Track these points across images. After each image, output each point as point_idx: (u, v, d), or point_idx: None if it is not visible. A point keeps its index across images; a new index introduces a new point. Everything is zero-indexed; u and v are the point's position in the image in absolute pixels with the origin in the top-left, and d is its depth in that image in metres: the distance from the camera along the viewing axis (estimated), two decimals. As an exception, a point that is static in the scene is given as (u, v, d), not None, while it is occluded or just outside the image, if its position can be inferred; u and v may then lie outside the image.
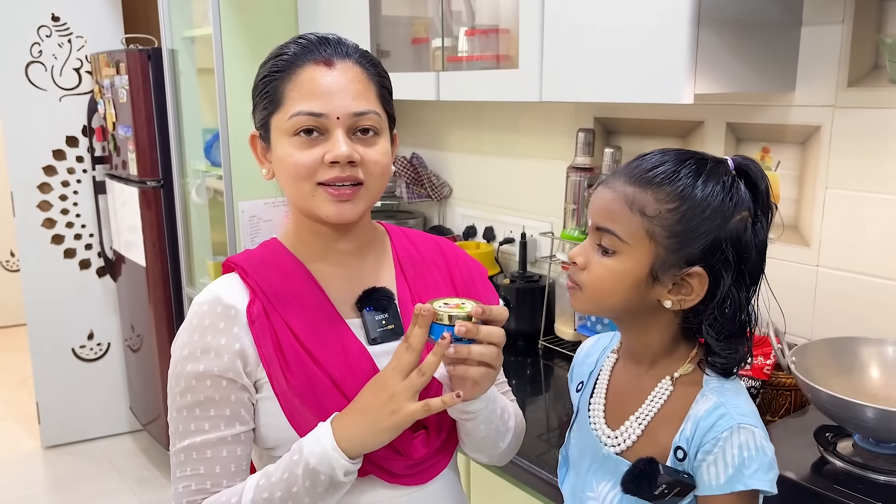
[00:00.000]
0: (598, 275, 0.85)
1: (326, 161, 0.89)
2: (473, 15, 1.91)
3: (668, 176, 0.83)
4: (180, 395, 0.91)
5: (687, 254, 0.82)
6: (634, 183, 0.84)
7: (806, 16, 1.42)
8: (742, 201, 0.83)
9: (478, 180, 2.27)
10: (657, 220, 0.82)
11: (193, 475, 0.90)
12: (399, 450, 0.93)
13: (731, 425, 0.80)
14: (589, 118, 1.88)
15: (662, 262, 0.83)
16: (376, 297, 0.97)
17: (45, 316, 3.32)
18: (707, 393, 0.85)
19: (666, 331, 0.88)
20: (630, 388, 0.91)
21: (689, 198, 0.82)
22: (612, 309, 0.88)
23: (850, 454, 1.18)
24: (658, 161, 0.85)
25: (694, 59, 1.27)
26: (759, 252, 0.85)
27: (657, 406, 0.87)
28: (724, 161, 0.85)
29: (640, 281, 0.84)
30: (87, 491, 3.10)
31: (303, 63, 0.91)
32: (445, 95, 1.83)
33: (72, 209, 3.34)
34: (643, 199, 0.83)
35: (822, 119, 1.42)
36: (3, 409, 3.89)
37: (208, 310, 0.92)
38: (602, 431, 0.91)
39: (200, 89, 2.78)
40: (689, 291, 0.83)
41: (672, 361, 0.88)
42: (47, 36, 3.17)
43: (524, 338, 1.93)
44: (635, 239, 0.83)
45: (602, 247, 0.85)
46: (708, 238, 0.82)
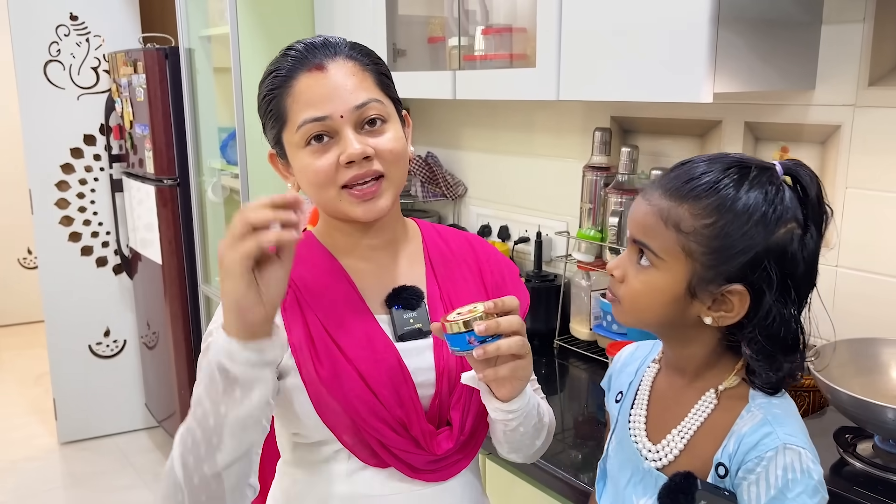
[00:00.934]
0: (635, 289, 0.84)
1: (342, 162, 0.90)
2: (489, 14, 1.91)
3: (706, 188, 0.79)
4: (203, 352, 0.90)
5: (726, 270, 0.79)
6: (670, 196, 0.81)
7: (826, 14, 1.41)
8: (787, 212, 0.79)
9: (493, 179, 2.27)
10: (693, 237, 0.79)
11: None
12: (422, 444, 0.93)
13: (777, 445, 0.77)
14: (605, 117, 1.88)
15: (700, 278, 0.80)
16: (405, 296, 0.98)
17: (63, 313, 3.35)
18: (753, 408, 0.81)
19: (708, 343, 0.85)
20: (672, 401, 0.88)
21: (728, 212, 0.78)
22: (650, 323, 0.86)
23: (870, 455, 1.17)
24: (696, 171, 0.81)
25: (713, 57, 1.27)
26: (808, 264, 0.80)
27: (700, 420, 0.84)
28: (771, 168, 0.81)
29: (677, 297, 0.81)
30: (103, 487, 3.13)
31: (296, 75, 0.91)
32: (462, 94, 1.83)
33: (89, 207, 3.37)
34: (678, 214, 0.80)
35: (843, 118, 1.41)
36: (21, 405, 3.93)
37: None
38: (643, 445, 0.89)
39: (217, 88, 2.79)
40: (730, 308, 0.80)
41: (716, 373, 0.85)
42: (66, 35, 3.20)
43: (539, 337, 1.93)
44: (671, 255, 0.80)
45: (640, 257, 0.83)
46: (748, 254, 0.78)
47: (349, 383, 0.91)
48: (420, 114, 2.49)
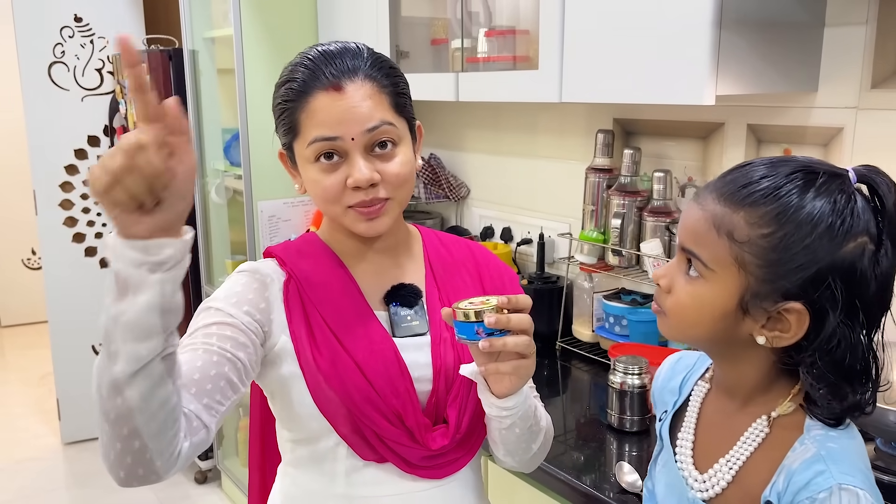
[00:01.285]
0: (682, 302, 0.77)
1: (349, 186, 0.91)
2: (492, 16, 1.91)
3: (765, 194, 0.71)
4: (195, 319, 0.91)
5: (783, 286, 0.71)
6: (725, 201, 0.73)
7: (829, 16, 1.41)
8: (858, 224, 0.71)
9: (495, 181, 2.27)
10: (748, 247, 0.72)
11: None
12: (416, 437, 0.94)
13: (831, 485, 0.69)
14: (608, 119, 1.88)
15: (754, 293, 0.72)
16: (403, 294, 1.00)
17: (66, 313, 3.36)
18: (807, 441, 0.73)
19: (762, 365, 0.77)
20: (722, 426, 0.81)
21: (788, 221, 0.70)
22: (698, 340, 0.80)
23: (872, 458, 1.17)
24: (755, 175, 0.73)
25: (716, 59, 1.27)
26: (880, 284, 0.72)
27: (750, 449, 0.77)
28: (843, 174, 0.73)
29: (727, 312, 0.74)
30: (106, 486, 3.13)
31: (312, 91, 0.91)
32: (465, 96, 1.83)
33: (93, 208, 3.38)
34: (732, 221, 0.72)
35: (845, 120, 1.41)
36: (25, 405, 3.94)
37: (246, 275, 0.96)
38: (689, 473, 0.82)
39: (220, 89, 2.80)
40: (786, 328, 0.72)
41: (770, 398, 0.77)
42: (70, 37, 3.21)
43: (542, 339, 1.93)
44: (722, 266, 0.73)
45: (688, 267, 0.77)
46: (810, 269, 0.70)
47: (346, 373, 0.92)
48: (423, 115, 2.49)
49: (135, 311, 0.72)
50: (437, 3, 2.07)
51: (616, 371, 1.43)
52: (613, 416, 1.44)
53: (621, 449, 1.40)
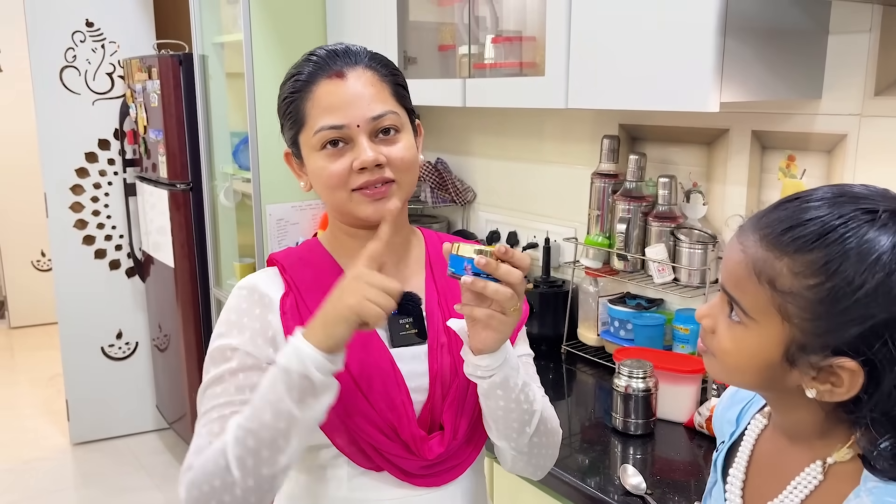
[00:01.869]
0: (725, 347, 0.72)
1: (355, 168, 0.93)
2: (499, 21, 1.93)
3: (812, 239, 0.64)
4: (213, 366, 0.94)
5: (833, 341, 0.64)
6: (768, 245, 0.67)
7: (833, 24, 1.42)
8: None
9: (501, 185, 2.29)
10: (791, 298, 0.65)
11: (209, 433, 0.90)
12: (412, 449, 0.95)
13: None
14: (613, 125, 1.89)
15: (800, 345, 0.66)
16: (402, 302, 0.98)
17: (76, 315, 3.39)
18: (862, 494, 0.67)
19: (817, 412, 0.70)
20: (774, 466, 0.77)
21: (839, 272, 0.62)
22: (746, 385, 0.75)
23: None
24: (804, 216, 0.66)
25: (720, 67, 1.28)
26: None
27: (802, 496, 0.72)
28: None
29: (772, 363, 0.68)
30: (114, 487, 3.16)
31: (317, 80, 0.95)
32: (472, 102, 1.85)
33: (103, 211, 3.41)
34: (775, 269, 0.66)
35: (849, 127, 1.42)
36: (33, 405, 3.97)
37: (246, 295, 0.97)
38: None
39: (229, 93, 2.83)
40: (839, 383, 0.66)
41: (828, 443, 0.71)
42: (81, 41, 3.25)
43: (547, 342, 1.94)
44: (763, 315, 0.67)
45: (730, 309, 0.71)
46: (864, 325, 0.63)
47: (342, 388, 0.92)
48: (430, 120, 2.51)
49: (317, 411, 0.85)
50: (445, 9, 2.09)
51: (621, 374, 1.45)
52: (618, 419, 1.45)
53: (626, 452, 1.41)
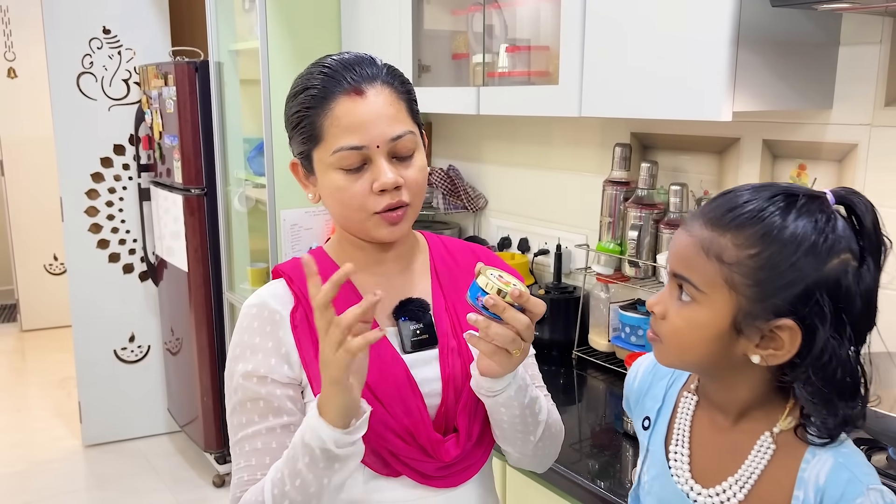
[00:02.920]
0: (677, 326, 0.79)
1: (375, 190, 0.93)
2: (514, 29, 1.95)
3: (749, 217, 0.74)
4: (234, 393, 0.97)
5: (773, 304, 0.73)
6: (712, 226, 0.76)
7: (844, 36, 1.45)
8: (840, 242, 0.74)
9: (513, 192, 2.31)
10: (736, 268, 0.74)
11: (247, 466, 0.95)
12: (430, 452, 0.96)
13: (862, 490, 0.72)
14: (625, 133, 1.92)
15: (746, 313, 0.74)
16: (411, 308, 1.01)
17: (90, 318, 3.43)
18: (819, 452, 0.76)
19: (757, 386, 0.80)
20: (721, 444, 0.83)
21: (774, 240, 0.73)
22: (695, 364, 0.82)
23: (884, 467, 1.19)
24: (739, 200, 0.76)
25: (733, 77, 1.31)
26: (865, 300, 0.74)
27: (760, 467, 0.78)
28: (822, 196, 0.76)
29: (721, 333, 0.76)
30: (126, 489, 3.19)
31: (334, 95, 0.93)
32: (486, 110, 1.87)
33: (117, 215, 3.45)
34: (720, 244, 0.75)
35: (859, 137, 1.44)
36: (45, 408, 4.00)
37: (256, 313, 0.98)
38: (691, 487, 0.83)
39: (243, 100, 2.87)
40: (780, 346, 0.75)
41: (765, 414, 0.80)
42: (98, 48, 3.29)
43: (558, 348, 1.96)
44: (713, 288, 0.76)
45: (680, 292, 0.79)
46: (798, 286, 0.72)
47: None
48: (442, 127, 2.54)
49: (346, 474, 0.89)
50: (459, 18, 2.12)
51: (632, 379, 1.47)
52: (629, 423, 1.47)
53: (637, 456, 1.43)
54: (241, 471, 0.96)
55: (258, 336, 0.97)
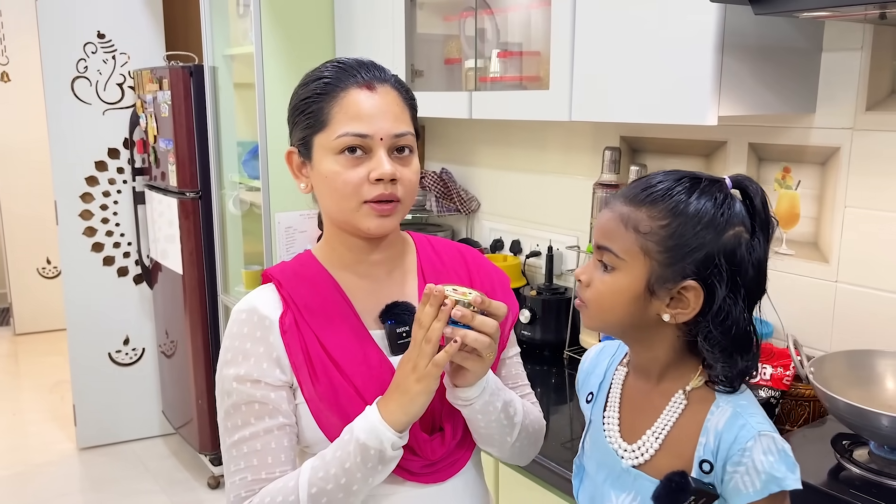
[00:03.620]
0: (599, 291, 0.90)
1: (371, 179, 0.96)
2: (503, 36, 1.99)
3: (661, 194, 0.87)
4: (227, 396, 0.98)
5: (681, 268, 0.85)
6: (630, 202, 0.89)
7: (826, 42, 1.48)
8: (735, 216, 0.86)
9: (505, 195, 2.34)
10: (650, 237, 0.86)
11: (248, 467, 0.97)
12: (416, 450, 0.99)
13: (753, 434, 0.84)
14: (615, 137, 1.95)
15: (658, 276, 0.86)
16: (397, 311, 1.04)
17: (84, 321, 3.44)
18: (721, 404, 0.88)
19: (670, 345, 0.91)
20: (643, 403, 0.94)
21: (681, 214, 0.85)
22: (615, 324, 0.92)
23: (866, 461, 1.22)
24: (653, 181, 0.89)
25: (718, 82, 1.34)
26: (756, 268, 0.87)
27: (672, 420, 0.90)
28: (721, 180, 0.89)
29: (637, 295, 0.87)
30: (121, 491, 3.20)
31: (346, 86, 0.98)
32: (478, 114, 1.91)
33: (112, 218, 3.47)
34: (637, 217, 0.87)
35: (842, 141, 1.48)
36: (39, 411, 4.01)
37: (246, 318, 1.00)
38: (619, 445, 0.94)
39: (237, 104, 2.89)
40: (686, 305, 0.86)
41: (681, 375, 0.91)
42: (93, 52, 3.31)
43: (550, 348, 1.99)
44: (631, 255, 0.87)
45: (603, 264, 0.90)
46: (700, 252, 0.85)
47: (345, 398, 0.98)
48: (435, 131, 2.57)
49: (383, 477, 0.95)
50: (451, 23, 2.15)
51: (622, 378, 1.50)
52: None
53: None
54: (243, 472, 0.97)
55: (249, 341, 0.98)
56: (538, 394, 1.15)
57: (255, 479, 0.96)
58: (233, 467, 0.98)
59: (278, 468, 0.97)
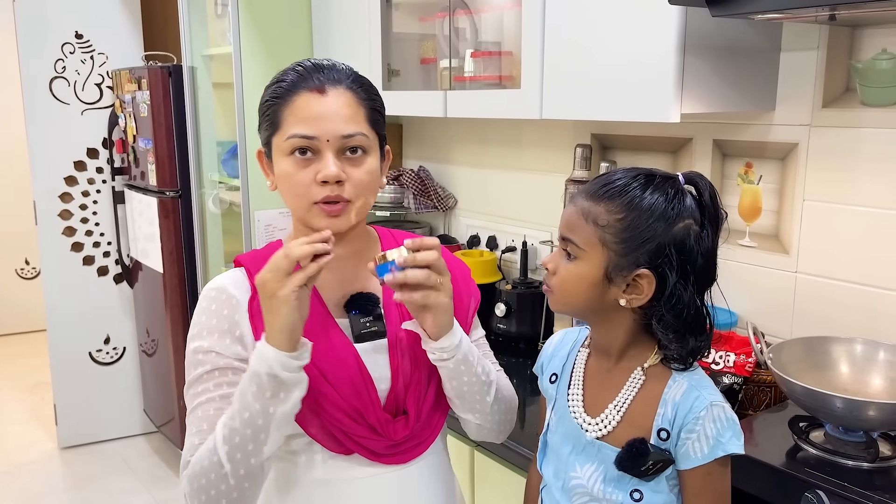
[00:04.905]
0: (563, 278, 0.98)
1: (318, 180, 0.99)
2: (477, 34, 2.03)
3: (618, 190, 0.95)
4: (191, 367, 1.03)
5: (635, 258, 0.93)
6: (590, 198, 0.97)
7: (784, 42, 1.55)
8: (685, 210, 0.94)
9: (482, 192, 2.39)
10: (608, 229, 0.94)
11: (198, 432, 1.00)
12: (378, 431, 1.03)
13: (706, 405, 0.94)
14: (586, 134, 2.01)
15: (615, 265, 0.94)
16: (361, 302, 1.08)
17: (64, 321, 3.44)
18: (678, 378, 0.97)
19: (628, 326, 0.99)
20: (604, 380, 1.02)
21: (635, 208, 0.93)
22: (577, 308, 1.00)
23: (822, 442, 1.28)
24: (612, 178, 0.97)
25: (680, 81, 1.40)
26: (705, 257, 0.95)
27: (632, 394, 0.99)
28: (674, 176, 0.97)
29: (596, 282, 0.96)
30: (104, 489, 3.21)
31: (298, 90, 1.01)
32: (452, 113, 1.95)
33: (91, 218, 3.47)
34: (596, 211, 0.95)
35: (800, 137, 1.54)
36: (20, 412, 4.00)
37: (215, 296, 1.04)
38: (583, 419, 1.02)
39: (216, 104, 2.91)
40: (640, 291, 0.95)
41: (638, 353, 1.00)
42: (71, 52, 3.31)
43: (525, 341, 2.04)
44: (590, 246, 0.95)
45: (567, 253, 0.98)
46: (652, 243, 0.93)
47: (313, 382, 1.00)
48: (413, 130, 2.62)
49: (290, 405, 0.95)
50: (426, 23, 2.19)
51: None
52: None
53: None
54: (193, 436, 1.00)
55: (215, 318, 1.03)
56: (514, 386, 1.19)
57: (202, 443, 0.99)
58: (190, 431, 1.01)
59: None
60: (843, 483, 1.15)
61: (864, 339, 1.38)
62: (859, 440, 1.26)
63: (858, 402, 1.21)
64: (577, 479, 1.01)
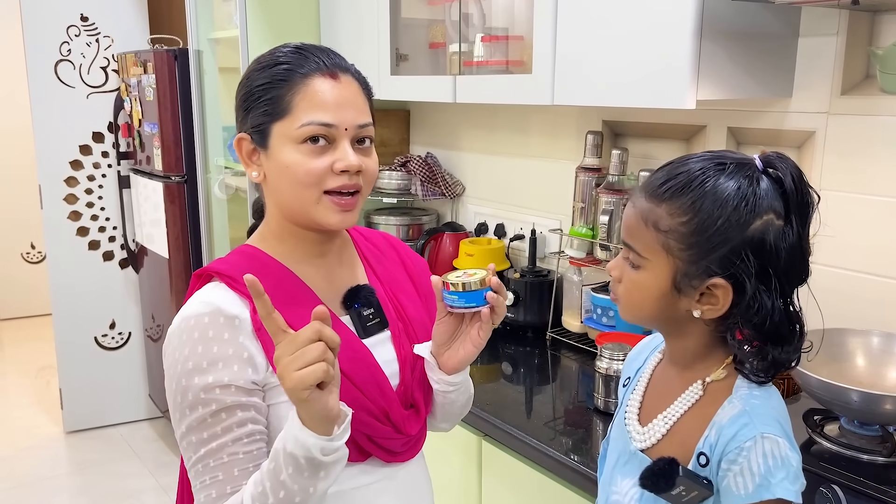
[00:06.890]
0: (628, 288, 0.88)
1: (336, 170, 0.94)
2: (488, 18, 2.00)
3: (680, 188, 0.82)
4: (190, 410, 0.91)
5: (705, 265, 0.81)
6: (649, 198, 0.85)
7: (803, 28, 1.51)
8: (762, 203, 0.81)
9: (490, 179, 2.36)
10: (671, 234, 0.83)
11: (214, 482, 0.91)
12: (399, 428, 1.01)
13: (754, 434, 0.79)
14: (597, 121, 1.98)
15: (683, 274, 0.83)
16: (362, 294, 1.05)
17: (70, 305, 3.43)
18: (734, 400, 0.84)
19: (701, 336, 0.88)
20: (664, 388, 0.93)
21: (702, 210, 0.81)
22: (647, 319, 0.90)
23: (836, 435, 1.26)
24: (674, 172, 0.84)
25: (696, 67, 1.37)
26: (790, 254, 0.81)
27: (684, 408, 0.88)
28: (749, 161, 0.83)
29: (664, 293, 0.85)
30: (108, 473, 3.21)
31: (309, 73, 0.94)
32: (462, 98, 1.92)
33: (97, 202, 3.46)
34: (657, 214, 0.84)
35: (817, 125, 1.51)
36: (25, 395, 4.01)
37: (210, 322, 0.92)
38: (633, 427, 0.93)
39: (222, 88, 2.89)
40: (715, 302, 0.83)
41: (706, 366, 0.88)
42: (76, 35, 3.29)
43: (533, 329, 2.02)
44: (653, 253, 0.84)
45: (630, 261, 0.88)
46: (725, 247, 0.80)
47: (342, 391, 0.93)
48: (420, 116, 2.59)
49: (330, 482, 0.87)
50: (436, 7, 2.16)
51: (602, 357, 1.53)
52: (600, 399, 1.53)
53: (607, 428, 1.49)
54: (208, 487, 0.91)
55: (216, 345, 0.91)
56: (521, 375, 1.18)
57: (220, 495, 0.91)
58: (198, 483, 0.92)
59: (244, 480, 0.91)
60: (858, 478, 1.14)
61: (881, 332, 1.36)
62: (875, 434, 1.24)
63: (875, 395, 1.19)
64: (616, 495, 0.93)
